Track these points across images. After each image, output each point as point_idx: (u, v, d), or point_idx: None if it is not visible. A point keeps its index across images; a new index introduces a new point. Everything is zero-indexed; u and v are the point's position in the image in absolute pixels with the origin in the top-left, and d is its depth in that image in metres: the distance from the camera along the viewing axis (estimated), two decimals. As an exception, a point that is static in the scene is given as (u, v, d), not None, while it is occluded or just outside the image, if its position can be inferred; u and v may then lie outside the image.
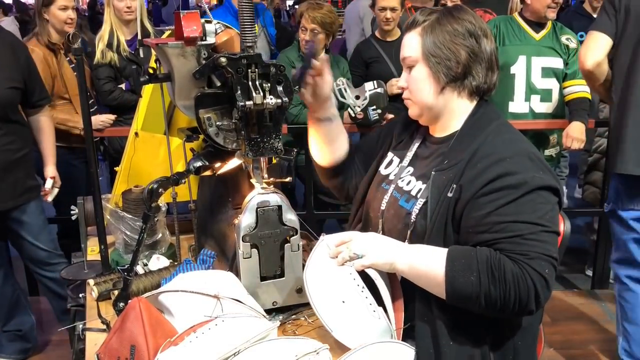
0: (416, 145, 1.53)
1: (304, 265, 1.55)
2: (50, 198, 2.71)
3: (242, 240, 1.49)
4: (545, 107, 3.11)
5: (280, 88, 1.45)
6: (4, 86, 2.38)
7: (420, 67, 1.41)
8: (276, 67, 1.44)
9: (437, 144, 1.48)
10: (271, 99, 1.41)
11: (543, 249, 1.24)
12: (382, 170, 1.58)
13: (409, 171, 1.50)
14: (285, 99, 1.44)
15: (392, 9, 3.42)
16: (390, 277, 1.40)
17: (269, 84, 1.43)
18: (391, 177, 1.54)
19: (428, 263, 1.30)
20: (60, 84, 3.08)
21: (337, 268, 1.36)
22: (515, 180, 1.28)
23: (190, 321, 1.30)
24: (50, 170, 2.71)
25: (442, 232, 1.33)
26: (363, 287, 1.34)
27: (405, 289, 1.37)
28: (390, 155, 1.59)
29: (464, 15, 1.41)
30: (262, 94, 1.41)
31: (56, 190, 2.74)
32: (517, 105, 3.04)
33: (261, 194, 1.51)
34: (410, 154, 1.53)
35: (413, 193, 1.44)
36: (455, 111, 1.44)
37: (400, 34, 3.38)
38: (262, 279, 1.53)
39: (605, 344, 2.97)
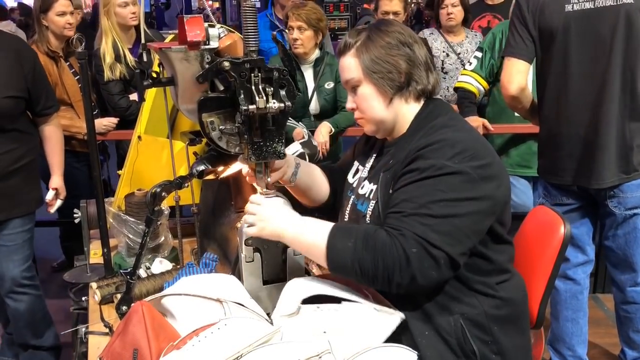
0: (374, 155, 1.58)
1: (306, 270, 1.55)
2: (52, 210, 2.56)
3: (245, 244, 1.49)
4: None
5: (283, 92, 1.45)
6: (1, 95, 2.26)
7: (364, 86, 1.46)
8: (279, 71, 1.45)
9: (389, 147, 1.53)
10: (274, 103, 1.42)
11: (418, 230, 1.26)
12: (350, 178, 1.64)
13: (366, 176, 1.55)
14: (288, 103, 1.44)
15: (395, 13, 3.42)
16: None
17: (272, 88, 1.44)
18: (354, 184, 1.59)
19: (314, 234, 1.35)
20: (62, 91, 3.07)
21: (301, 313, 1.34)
22: (424, 164, 1.32)
23: (192, 325, 1.30)
24: (55, 180, 2.55)
25: None
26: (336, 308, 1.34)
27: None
28: (355, 164, 1.64)
29: (392, 27, 1.46)
30: (265, 98, 1.41)
31: (59, 202, 2.57)
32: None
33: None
34: (370, 160, 1.58)
35: (366, 195, 1.50)
36: (406, 116, 1.49)
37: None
38: (265, 282, 1.53)
39: (606, 347, 2.96)
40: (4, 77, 2.26)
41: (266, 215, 1.41)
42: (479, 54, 3.11)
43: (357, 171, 1.63)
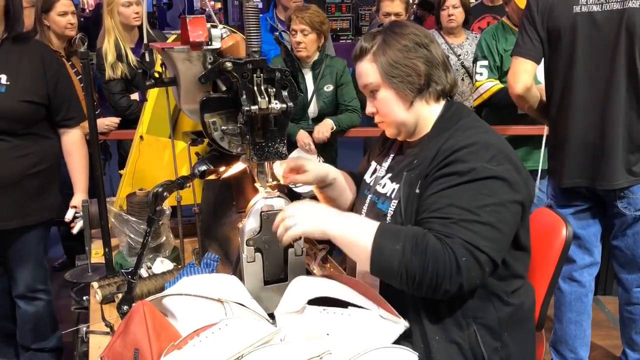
0: (392, 155, 1.58)
1: (307, 271, 1.55)
2: (75, 230, 2.21)
3: (246, 244, 1.49)
4: None
5: (285, 93, 1.46)
6: (17, 98, 2.17)
7: (384, 90, 1.45)
8: (281, 72, 1.45)
9: (410, 147, 1.52)
10: (276, 103, 1.42)
11: (468, 237, 1.25)
12: (367, 178, 1.63)
13: (385, 175, 1.54)
14: (290, 103, 1.44)
15: (397, 14, 3.42)
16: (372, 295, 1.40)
17: (274, 89, 1.44)
18: (371, 183, 1.59)
19: (359, 231, 1.32)
20: None
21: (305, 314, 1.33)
22: (463, 167, 1.30)
23: (193, 325, 1.30)
24: (77, 199, 2.35)
25: None
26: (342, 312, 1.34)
27: (395, 301, 1.38)
28: (373, 164, 1.64)
29: (407, 29, 1.44)
30: (267, 98, 1.41)
31: (80, 223, 2.18)
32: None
33: (265, 198, 1.51)
34: (388, 160, 1.57)
35: (388, 194, 1.49)
36: (427, 117, 1.48)
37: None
38: (266, 283, 1.53)
39: (608, 350, 2.96)
40: (26, 81, 2.21)
41: (308, 212, 1.37)
42: (484, 62, 3.12)
43: (374, 171, 1.62)
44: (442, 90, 1.45)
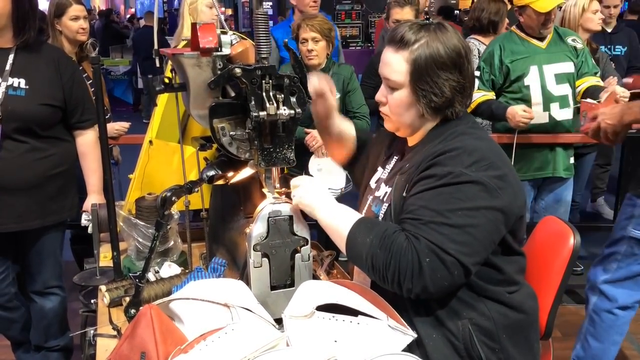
0: (395, 158, 1.59)
1: (314, 276, 1.55)
2: (89, 230, 2.29)
3: (253, 249, 1.50)
4: (565, 113, 3.09)
5: (293, 99, 1.47)
6: (37, 102, 2.23)
7: (404, 92, 1.42)
8: (290, 78, 1.46)
9: (409, 151, 1.53)
10: (284, 109, 1.43)
11: (435, 239, 1.26)
12: (372, 183, 1.64)
13: (383, 180, 1.56)
14: (299, 110, 1.45)
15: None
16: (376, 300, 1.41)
17: (283, 95, 1.45)
18: (373, 187, 1.60)
19: (342, 219, 1.40)
20: None
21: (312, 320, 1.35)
22: (442, 170, 1.32)
23: (200, 329, 1.30)
24: (90, 200, 2.40)
25: None
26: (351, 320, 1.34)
27: (388, 300, 1.39)
28: (380, 170, 1.64)
29: (452, 42, 1.39)
30: (275, 104, 1.42)
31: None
32: (536, 115, 3.02)
33: (273, 204, 1.52)
34: (389, 167, 1.58)
35: (381, 197, 1.51)
36: (428, 126, 1.48)
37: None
38: (272, 288, 1.54)
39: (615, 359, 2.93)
40: (43, 85, 2.27)
41: (310, 188, 1.48)
42: (477, 72, 3.08)
43: (379, 178, 1.62)
44: (453, 112, 1.44)
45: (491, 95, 3.09)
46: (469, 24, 3.94)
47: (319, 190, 1.49)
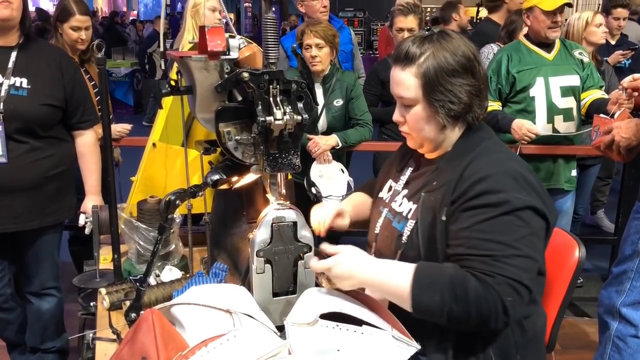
0: (410, 169, 1.56)
1: (316, 283, 1.54)
2: (87, 231, 2.22)
3: (256, 255, 1.48)
4: (568, 126, 3.09)
5: (300, 104, 1.46)
6: (38, 102, 2.24)
7: (420, 107, 1.40)
8: (297, 83, 1.45)
9: (428, 165, 1.50)
10: (291, 115, 1.42)
11: (511, 273, 1.24)
12: (383, 195, 1.61)
13: (401, 193, 1.52)
14: (306, 115, 1.44)
15: (410, 30, 3.42)
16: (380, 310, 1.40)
17: (290, 100, 1.44)
18: (387, 199, 1.57)
19: (395, 282, 1.32)
20: None
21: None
22: (496, 198, 1.29)
23: (201, 335, 1.29)
24: (88, 201, 2.40)
25: (434, 253, 1.35)
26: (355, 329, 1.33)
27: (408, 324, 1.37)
28: (390, 182, 1.62)
29: (458, 48, 1.38)
30: (282, 110, 1.41)
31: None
32: (540, 128, 3.01)
33: (277, 210, 1.50)
34: (404, 178, 1.55)
35: (404, 214, 1.47)
36: (451, 137, 1.45)
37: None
38: (275, 294, 1.52)
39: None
40: (45, 85, 2.27)
41: (340, 259, 1.38)
42: None
43: (390, 188, 1.59)
44: (474, 117, 1.42)
45: (497, 105, 3.08)
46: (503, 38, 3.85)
47: (352, 267, 1.38)
